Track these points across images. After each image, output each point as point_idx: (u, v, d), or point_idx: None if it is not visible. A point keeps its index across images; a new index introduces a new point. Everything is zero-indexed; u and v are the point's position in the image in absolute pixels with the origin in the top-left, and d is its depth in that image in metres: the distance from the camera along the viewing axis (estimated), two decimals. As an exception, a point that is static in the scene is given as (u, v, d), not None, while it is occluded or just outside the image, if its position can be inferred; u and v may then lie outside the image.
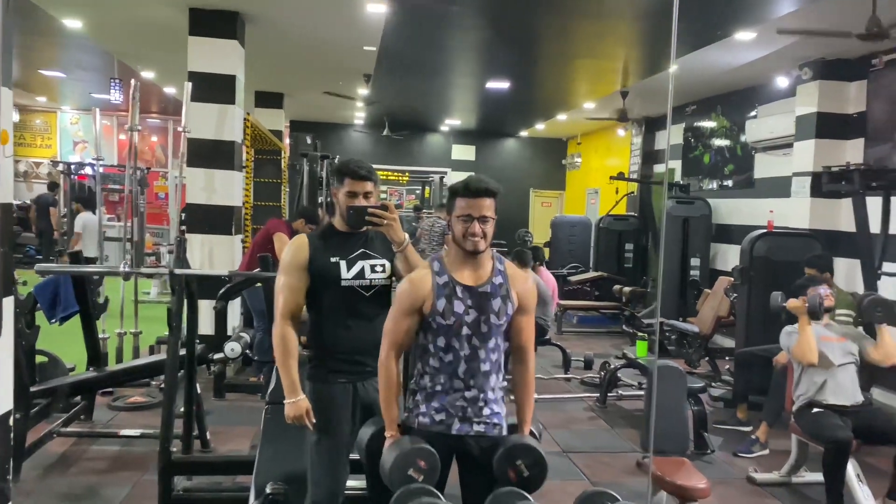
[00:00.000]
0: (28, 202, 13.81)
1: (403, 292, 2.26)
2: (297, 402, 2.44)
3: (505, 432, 2.31)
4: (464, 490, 2.33)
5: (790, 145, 7.60)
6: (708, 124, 9.83)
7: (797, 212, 7.27)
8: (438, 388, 2.26)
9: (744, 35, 6.38)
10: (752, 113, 8.71)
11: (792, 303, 4.14)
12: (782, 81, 7.97)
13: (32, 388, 4.05)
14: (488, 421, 2.26)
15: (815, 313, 4.01)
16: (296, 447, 3.00)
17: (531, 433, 2.34)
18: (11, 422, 1.77)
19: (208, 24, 6.34)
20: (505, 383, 2.37)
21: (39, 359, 4.64)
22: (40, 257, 12.03)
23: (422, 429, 2.26)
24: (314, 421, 2.46)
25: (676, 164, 10.60)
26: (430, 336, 2.27)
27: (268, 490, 2.55)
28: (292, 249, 2.52)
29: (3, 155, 1.43)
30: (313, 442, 2.51)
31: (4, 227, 1.38)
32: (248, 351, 4.64)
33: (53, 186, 12.78)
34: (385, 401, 2.27)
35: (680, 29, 1.85)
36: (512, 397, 2.40)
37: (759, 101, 8.60)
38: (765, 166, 8.55)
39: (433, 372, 2.27)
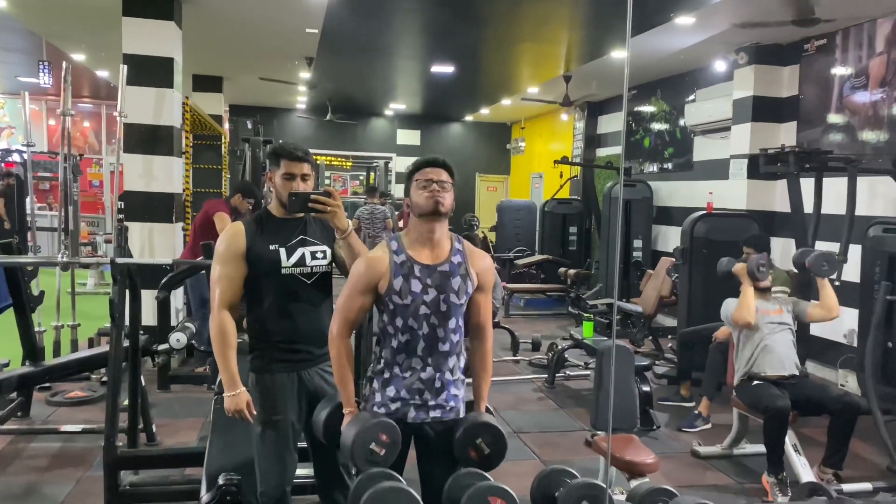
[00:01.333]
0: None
1: (359, 270, 2.25)
2: (237, 396, 2.40)
3: (462, 414, 2.30)
4: (422, 477, 2.31)
5: (728, 128, 7.80)
6: (648, 108, 10.01)
7: (735, 193, 7.48)
8: (397, 369, 2.24)
9: (684, 20, 6.49)
10: (691, 97, 8.91)
11: (738, 266, 4.31)
12: (720, 66, 8.16)
13: (-35, 386, 3.88)
14: (444, 405, 2.25)
15: (753, 274, 4.17)
16: (247, 437, 2.95)
17: (487, 409, 2.34)
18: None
19: (143, 4, 6.11)
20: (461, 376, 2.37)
21: (-29, 354, 4.45)
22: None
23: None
24: (255, 413, 2.43)
25: (619, 149, 10.77)
26: (387, 317, 2.25)
27: (220, 481, 2.51)
28: (227, 238, 2.45)
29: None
30: (258, 433, 2.47)
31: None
32: (192, 341, 4.54)
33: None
34: (339, 378, 2.25)
35: (622, 13, 1.87)
36: (469, 380, 2.40)
37: (698, 85, 8.79)
38: (703, 149, 8.76)
39: (391, 354, 2.25)
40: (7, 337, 4.85)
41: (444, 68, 9.75)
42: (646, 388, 4.92)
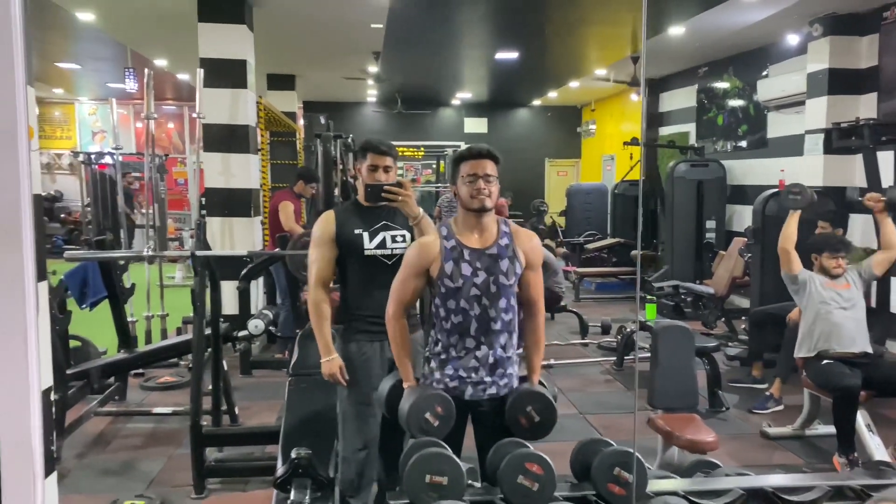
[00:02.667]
0: (53, 193, 14.12)
1: (412, 255, 2.39)
2: (331, 361, 2.68)
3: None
4: (480, 451, 2.45)
5: (802, 103, 7.56)
6: (721, 85, 9.77)
7: (811, 169, 7.25)
8: (452, 350, 2.37)
9: (750, -6, 6.34)
10: (764, 72, 8.65)
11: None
12: (793, 39, 7.90)
13: (68, 371, 4.24)
14: (499, 382, 2.37)
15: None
16: (318, 415, 3.16)
17: (540, 383, 2.45)
18: (52, 396, 1.90)
19: (216, 9, 6.42)
20: (519, 350, 2.48)
21: (73, 343, 4.83)
22: (68, 247, 12.30)
23: None
24: (347, 378, 2.68)
25: (690, 127, 10.56)
26: (440, 300, 2.37)
27: (293, 455, 2.69)
28: (320, 223, 2.76)
29: (29, 149, 1.55)
30: (344, 396, 2.74)
31: (36, 217, 1.50)
32: (271, 328, 4.80)
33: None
34: (398, 354, 2.41)
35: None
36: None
37: (771, 60, 8.53)
38: (778, 125, 8.51)
39: (445, 335, 2.37)
40: (103, 327, 5.25)
41: (509, 54, 9.79)
42: (714, 369, 4.89)
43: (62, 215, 14.22)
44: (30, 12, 1.48)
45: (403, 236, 2.74)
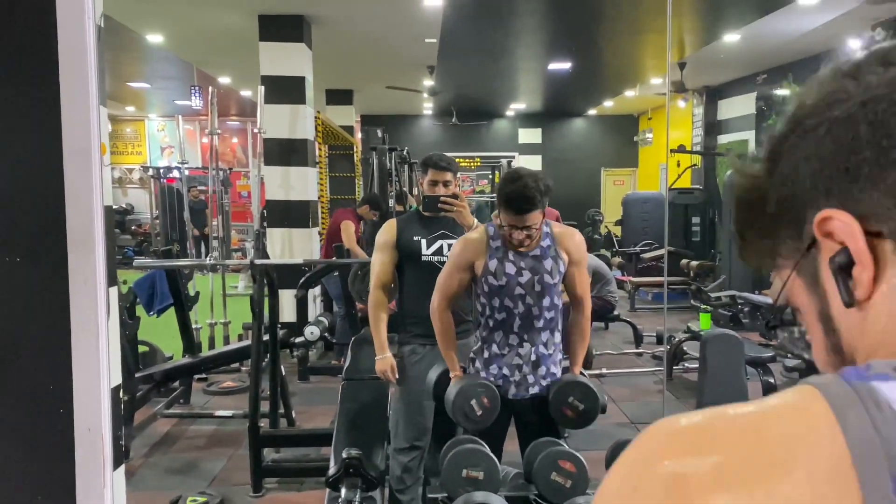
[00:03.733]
0: (124, 206, 14.77)
1: (457, 249, 2.49)
2: (384, 359, 2.83)
3: None
4: (523, 450, 2.51)
5: (865, 108, 7.36)
6: (780, 92, 9.58)
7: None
8: (495, 347, 2.44)
9: (806, 0, 6.24)
10: (825, 78, 8.46)
11: None
12: (855, 44, 7.71)
13: (137, 374, 4.47)
14: (542, 381, 2.42)
15: None
16: (369, 417, 3.27)
17: (581, 374, 2.51)
18: (122, 396, 2.06)
19: (276, 29, 6.68)
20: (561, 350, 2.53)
21: (141, 348, 5.09)
22: (138, 257, 12.86)
23: None
24: (397, 377, 2.83)
25: (750, 135, 10.37)
26: (484, 298, 2.44)
27: (343, 455, 2.81)
28: (383, 230, 2.96)
29: (102, 164, 1.71)
30: (397, 397, 2.90)
31: (108, 226, 1.64)
32: (326, 334, 4.95)
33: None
34: (443, 346, 2.51)
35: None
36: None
37: (833, 65, 8.34)
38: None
39: (488, 332, 2.45)
40: (170, 333, 5.50)
41: (562, 65, 9.83)
42: (769, 380, 4.81)
43: (133, 227, 14.87)
44: (103, 37, 1.64)
45: None
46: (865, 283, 0.44)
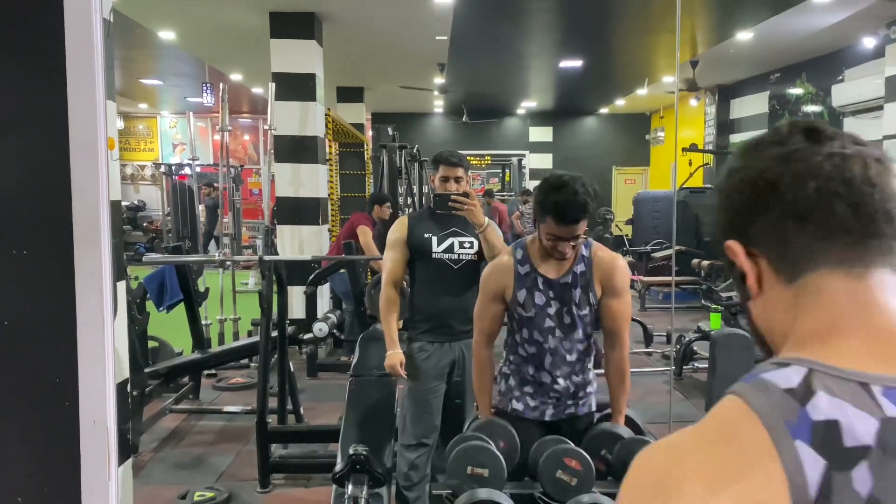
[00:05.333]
0: (136, 202, 14.86)
1: (485, 278, 2.32)
2: (394, 354, 2.81)
3: (594, 406, 2.34)
4: None
5: (881, 108, 7.30)
6: (793, 91, 9.51)
7: (888, 177, 6.99)
8: (529, 379, 2.30)
9: (820, -2, 6.20)
10: (839, 77, 8.39)
11: None
12: (869, 42, 7.65)
13: (146, 370, 4.49)
14: (578, 402, 2.32)
15: None
16: (376, 414, 3.27)
17: (629, 418, 2.33)
18: (130, 389, 2.06)
19: (287, 26, 6.69)
20: (592, 370, 2.37)
21: (151, 343, 5.12)
22: (149, 254, 12.92)
23: (515, 414, 2.30)
24: (406, 374, 2.83)
25: (756, 134, 10.30)
26: (514, 325, 2.30)
27: (350, 451, 2.81)
28: (395, 227, 2.97)
29: (111, 158, 1.71)
30: (407, 391, 2.90)
31: (114, 221, 1.64)
32: (335, 331, 4.96)
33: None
34: (478, 386, 2.37)
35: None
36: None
37: (846, 64, 8.28)
38: (854, 131, 8.18)
39: (521, 362, 2.31)
40: (179, 329, 5.53)
41: (573, 63, 9.80)
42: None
43: (144, 223, 14.95)
44: (113, 33, 1.64)
45: (471, 243, 2.87)
46: (751, 284, 0.70)
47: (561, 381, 2.25)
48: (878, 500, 0.54)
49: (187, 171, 12.95)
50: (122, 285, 2.22)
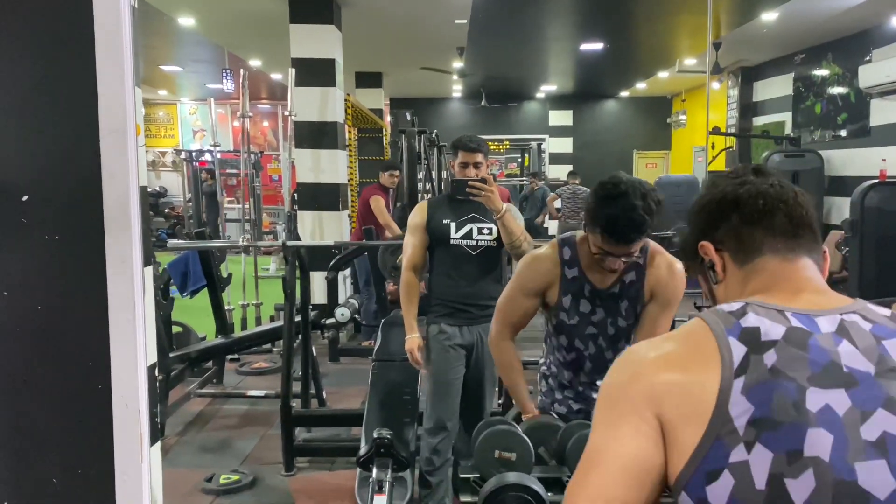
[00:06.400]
0: (157, 189, 14.98)
1: (526, 271, 2.09)
2: (412, 339, 2.83)
3: None
4: None
5: (909, 88, 7.16)
6: (819, 72, 9.35)
7: (916, 159, 6.87)
8: (567, 384, 2.19)
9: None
10: (867, 57, 8.23)
11: None
12: (897, 21, 7.48)
13: (171, 354, 4.55)
14: None
15: None
16: (399, 398, 3.29)
17: None
18: (156, 372, 2.09)
19: (307, 11, 6.67)
20: None
21: (175, 329, 5.17)
22: (171, 240, 13.02)
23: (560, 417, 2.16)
24: (422, 358, 2.83)
25: (786, 116, 10.15)
26: (553, 329, 2.15)
27: (374, 435, 2.83)
28: (415, 212, 2.96)
29: (137, 145, 1.72)
30: (428, 374, 2.90)
31: (142, 206, 1.65)
32: (356, 316, 4.98)
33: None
34: (509, 382, 2.18)
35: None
36: None
37: (874, 44, 8.11)
38: (882, 113, 8.08)
39: (560, 367, 2.18)
40: (203, 314, 5.58)
41: (594, 46, 9.69)
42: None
43: (166, 210, 15.08)
44: (137, 20, 1.65)
45: (490, 229, 2.86)
46: (719, 271, 1.02)
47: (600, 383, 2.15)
48: (778, 368, 0.84)
49: (208, 157, 13.03)
50: (149, 270, 2.24)
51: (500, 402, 3.72)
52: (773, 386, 0.83)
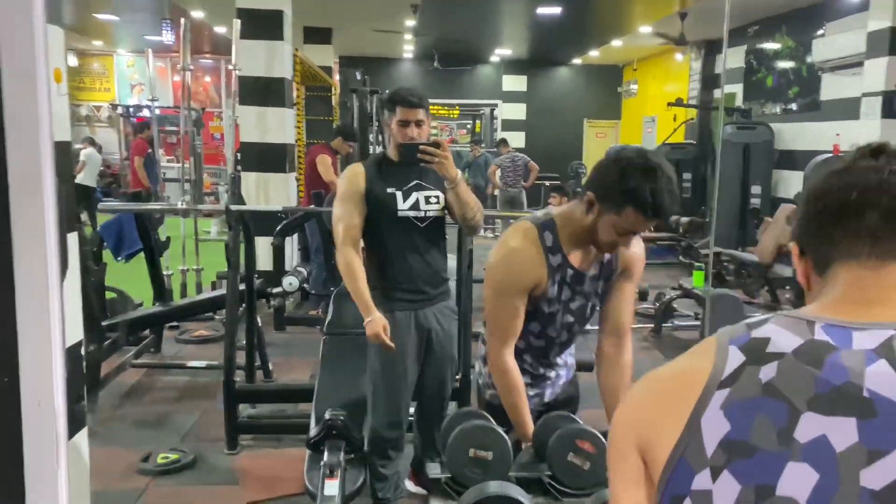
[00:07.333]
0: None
1: (511, 270, 1.83)
2: (374, 321, 2.43)
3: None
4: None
5: (860, 64, 7.19)
6: (771, 45, 9.36)
7: (866, 135, 6.91)
8: (526, 366, 1.98)
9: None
10: (820, 31, 8.24)
11: None
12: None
13: (103, 323, 4.24)
14: (561, 383, 2.12)
15: None
16: (353, 376, 3.10)
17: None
18: (83, 351, 1.84)
19: (253, -42, 6.27)
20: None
21: (108, 295, 4.85)
22: (108, 200, 12.43)
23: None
24: (390, 339, 2.44)
25: (738, 88, 10.17)
26: (527, 314, 1.91)
27: (327, 416, 2.64)
28: (348, 178, 2.54)
29: (57, 93, 1.44)
30: (376, 369, 2.58)
31: (61, 164, 1.40)
32: (305, 285, 4.76)
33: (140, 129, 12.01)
34: (510, 406, 1.86)
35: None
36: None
37: (827, 17, 8.12)
38: (832, 87, 8.13)
39: (519, 351, 1.94)
40: (139, 279, 5.26)
41: (551, 9, 9.48)
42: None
43: (101, 168, 14.36)
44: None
45: (437, 197, 2.55)
46: (801, 280, 0.85)
47: (559, 368, 2.05)
48: (773, 385, 0.70)
49: (146, 113, 12.41)
50: (73, 237, 1.98)
51: (457, 377, 3.56)
52: (760, 405, 0.70)
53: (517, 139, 14.39)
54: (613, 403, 1.86)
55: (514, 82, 15.21)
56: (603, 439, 1.53)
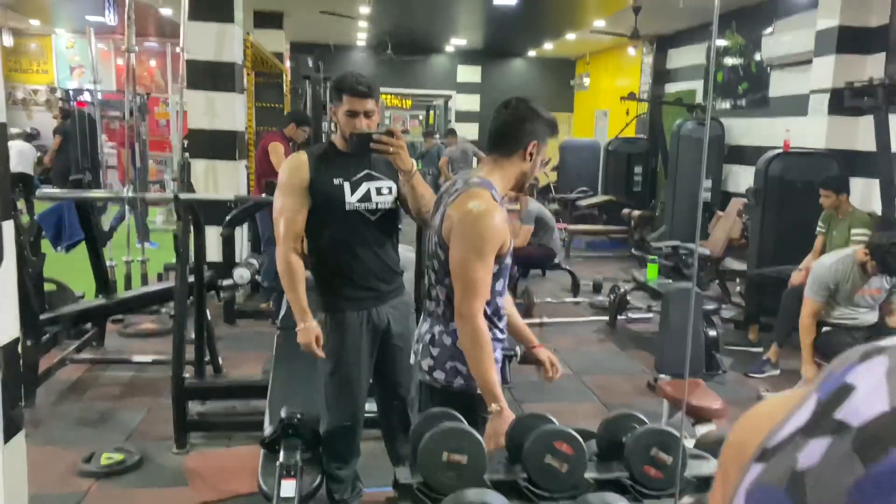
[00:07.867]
0: (28, 130, 13.64)
1: (495, 231, 1.87)
2: (307, 329, 2.35)
3: None
4: None
5: (808, 61, 7.33)
6: (721, 42, 9.49)
7: (814, 131, 7.07)
8: (501, 327, 2.02)
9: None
10: (769, 29, 8.39)
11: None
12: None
13: (42, 316, 4.02)
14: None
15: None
16: (309, 372, 2.99)
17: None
18: (19, 349, 1.70)
19: (202, -63, 6.04)
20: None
21: (48, 287, 4.62)
22: (44, 186, 11.92)
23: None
24: (323, 350, 2.38)
25: (698, 85, 10.31)
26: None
27: (282, 415, 2.54)
28: (290, 168, 2.38)
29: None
30: (328, 372, 2.45)
31: (-3, 146, 1.26)
32: (256, 277, 4.61)
33: (67, 115, 11.99)
34: (488, 372, 1.84)
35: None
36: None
37: (777, 15, 8.27)
38: (781, 84, 8.29)
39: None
40: (81, 271, 5.02)
41: (507, 0, 9.42)
42: (712, 332, 4.77)
43: (38, 154, 13.75)
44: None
45: (389, 188, 2.40)
46: None
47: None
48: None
49: (87, 97, 11.92)
50: (8, 225, 1.82)
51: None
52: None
53: (471, 130, 14.33)
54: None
55: (469, 73, 15.14)
56: (581, 440, 1.48)
